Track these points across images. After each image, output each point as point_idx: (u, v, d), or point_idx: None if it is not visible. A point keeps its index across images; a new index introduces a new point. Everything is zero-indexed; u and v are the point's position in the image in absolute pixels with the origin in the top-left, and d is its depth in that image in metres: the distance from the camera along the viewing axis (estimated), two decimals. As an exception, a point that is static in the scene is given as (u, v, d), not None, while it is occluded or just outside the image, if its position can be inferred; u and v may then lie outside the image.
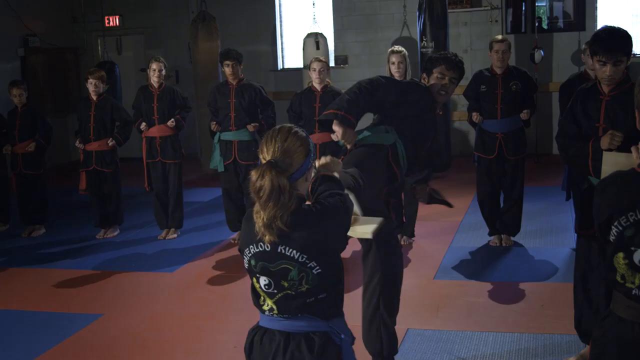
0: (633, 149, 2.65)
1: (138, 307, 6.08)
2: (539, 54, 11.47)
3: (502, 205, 7.24)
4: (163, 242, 7.97)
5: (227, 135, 7.61)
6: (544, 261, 6.63)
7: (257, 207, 2.71)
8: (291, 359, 2.77)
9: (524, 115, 6.89)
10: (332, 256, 2.81)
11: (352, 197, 3.26)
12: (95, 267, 7.19)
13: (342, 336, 2.85)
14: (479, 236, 7.42)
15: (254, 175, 2.76)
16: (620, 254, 2.53)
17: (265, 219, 2.68)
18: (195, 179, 11.42)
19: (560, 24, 12.21)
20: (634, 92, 3.09)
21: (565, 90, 6.81)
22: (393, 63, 6.98)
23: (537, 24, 11.94)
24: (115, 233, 8.35)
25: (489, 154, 7.02)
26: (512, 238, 7.20)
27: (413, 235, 7.43)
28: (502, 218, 7.15)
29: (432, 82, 4.52)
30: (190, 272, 6.93)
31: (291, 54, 13.38)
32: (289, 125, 2.91)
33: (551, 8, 12.33)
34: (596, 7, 12.03)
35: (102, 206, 8.25)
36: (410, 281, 5.96)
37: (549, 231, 7.54)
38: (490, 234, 7.27)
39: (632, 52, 4.11)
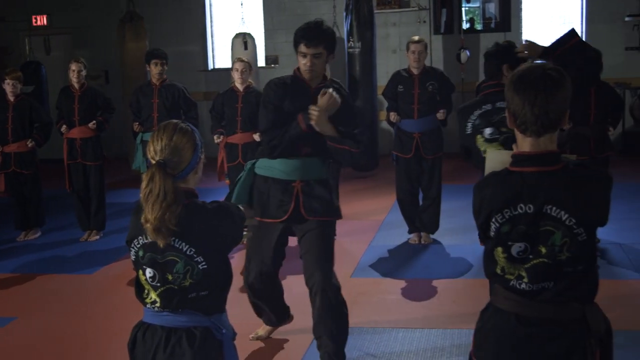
0: (514, 146, 2.73)
1: (54, 309, 6.03)
2: (464, 55, 11.67)
3: (421, 203, 7.35)
4: (84, 244, 7.91)
5: (149, 136, 7.55)
6: (459, 258, 6.76)
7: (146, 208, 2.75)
8: (172, 354, 2.82)
9: (440, 115, 7.02)
10: (219, 255, 2.86)
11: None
12: (14, 270, 7.10)
13: (224, 331, 2.91)
14: (399, 234, 7.52)
15: (144, 179, 2.79)
16: (500, 249, 2.60)
17: (153, 223, 2.71)
18: (122, 180, 11.33)
19: (485, 24, 12.44)
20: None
21: None
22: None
23: (468, 25, 12.14)
24: (37, 235, 8.25)
25: (407, 154, 7.12)
26: (430, 236, 7.33)
27: (334, 234, 7.47)
28: (421, 216, 7.27)
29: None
30: (110, 274, 6.89)
31: (221, 54, 13.36)
32: (174, 121, 2.94)
33: (484, 9, 12.55)
34: (521, 8, 12.28)
35: (23, 208, 8.15)
36: (328, 279, 6.01)
37: (468, 228, 7.63)
38: (409, 232, 7.38)
39: None
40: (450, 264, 6.65)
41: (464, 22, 12.47)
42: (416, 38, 7.16)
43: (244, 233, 4.59)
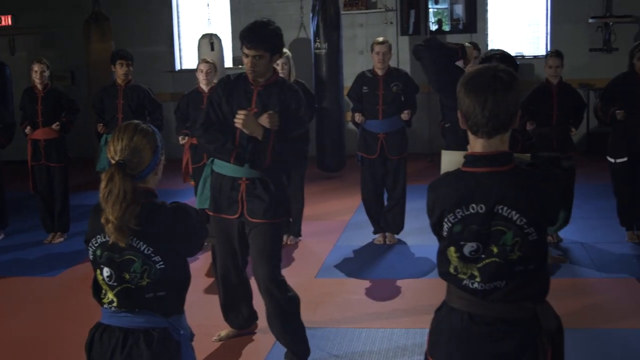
0: (468, 146, 2.75)
1: (16, 312, 5.99)
2: (431, 56, 11.68)
3: (386, 203, 7.38)
4: (48, 246, 7.84)
5: (112, 137, 7.52)
6: (424, 258, 6.79)
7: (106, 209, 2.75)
8: (129, 355, 2.82)
9: (405, 115, 7.05)
10: (177, 255, 2.86)
11: None
12: (-25, 273, 7.03)
13: (181, 332, 2.91)
14: (365, 235, 7.55)
15: (103, 179, 2.80)
16: (452, 248, 2.63)
17: (114, 223, 2.72)
18: (88, 182, 11.21)
19: (453, 26, 12.52)
20: None
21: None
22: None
23: (436, 27, 12.21)
24: (0, 237, 8.17)
25: (371, 154, 7.15)
26: (395, 236, 7.36)
27: (300, 235, 7.51)
28: (386, 216, 7.30)
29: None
30: (73, 276, 6.83)
31: (189, 55, 13.32)
32: (135, 122, 2.95)
33: (451, 11, 12.62)
34: (487, 10, 12.37)
35: (-15, 210, 8.07)
36: (292, 280, 5.96)
37: (433, 229, 7.71)
38: (374, 232, 7.40)
39: (522, 54, 4.28)
40: (415, 264, 6.69)
41: (432, 23, 12.53)
42: (380, 39, 7.20)
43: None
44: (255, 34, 4.38)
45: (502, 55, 4.18)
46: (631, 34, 11.53)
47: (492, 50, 5.49)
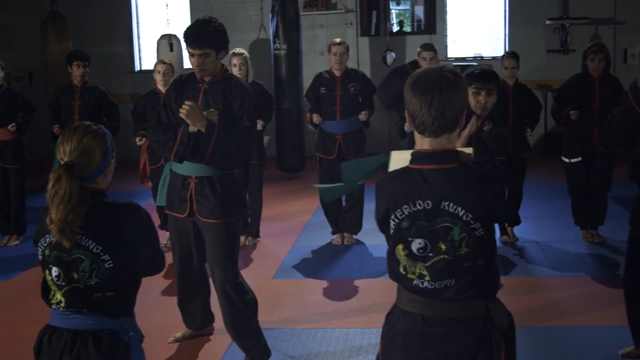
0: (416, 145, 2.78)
1: (-32, 316, 5.90)
2: (390, 56, 11.79)
3: (344, 204, 7.40)
4: (4, 249, 7.74)
5: (68, 138, 7.45)
6: (381, 258, 6.81)
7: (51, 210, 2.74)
8: (77, 357, 2.82)
9: (362, 116, 7.07)
10: (126, 255, 2.84)
11: None
12: None
13: (131, 334, 2.90)
14: (323, 235, 7.56)
15: (51, 179, 2.78)
16: (400, 246, 2.65)
17: (57, 224, 2.70)
18: (45, 183, 11.07)
19: (415, 27, 12.59)
20: None
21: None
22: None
23: (398, 28, 12.27)
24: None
25: (329, 155, 7.17)
26: (353, 236, 7.38)
27: (258, 236, 7.50)
28: (344, 217, 7.32)
29: None
30: (29, 279, 6.73)
31: (148, 56, 13.24)
32: (86, 123, 2.95)
33: (413, 12, 12.69)
34: (446, 11, 12.46)
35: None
36: (249, 281, 5.95)
37: (391, 229, 7.75)
38: (333, 233, 7.42)
39: (481, 55, 4.31)
40: (372, 263, 6.72)
41: (394, 24, 12.59)
42: (338, 40, 7.22)
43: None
44: (198, 32, 4.40)
45: (482, 70, 4.23)
46: (587, 35, 11.68)
47: (472, 66, 5.54)
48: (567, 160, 7.11)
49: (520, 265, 6.57)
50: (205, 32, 4.43)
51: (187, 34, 4.47)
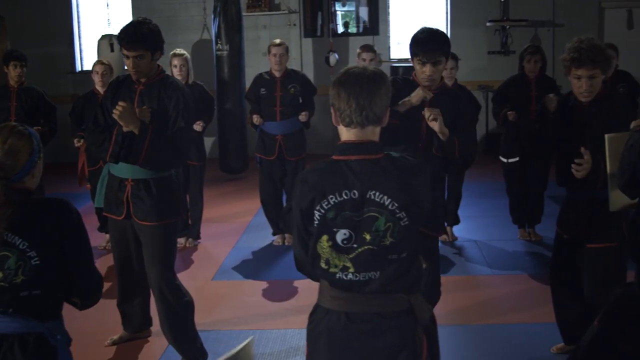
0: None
1: None
2: (333, 57, 11.83)
3: (285, 204, 7.40)
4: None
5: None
6: (321, 258, 6.83)
7: None
8: (3, 361, 2.77)
9: (302, 117, 7.09)
10: (55, 252, 2.80)
11: None
12: None
13: (58, 337, 2.87)
14: (264, 236, 7.55)
15: None
16: (325, 237, 2.67)
17: None
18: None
19: (360, 28, 12.64)
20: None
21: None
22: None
23: (343, 29, 12.32)
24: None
25: (270, 156, 7.17)
26: (294, 237, 7.37)
27: (199, 237, 7.46)
28: (285, 217, 7.30)
29: None
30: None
31: (90, 56, 13.06)
32: (12, 124, 2.94)
33: (357, 13, 12.73)
34: (388, 13, 12.53)
35: None
36: (189, 283, 5.94)
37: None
38: (274, 234, 7.42)
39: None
40: (312, 264, 6.72)
41: (340, 25, 12.62)
42: (277, 41, 7.23)
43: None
44: (133, 34, 4.39)
45: (427, 39, 4.22)
46: (527, 37, 11.85)
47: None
48: (504, 160, 7.21)
49: (458, 264, 6.65)
50: (139, 34, 4.41)
51: (122, 35, 4.45)
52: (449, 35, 12.09)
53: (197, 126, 7.02)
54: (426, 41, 4.06)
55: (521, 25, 12.11)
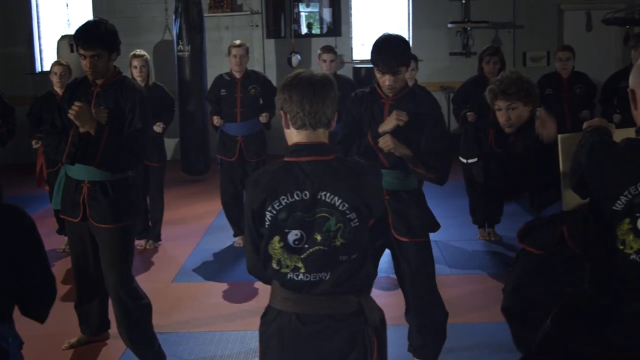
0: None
1: None
2: (295, 59, 11.87)
3: (245, 206, 7.38)
4: None
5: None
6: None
7: None
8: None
9: (263, 118, 7.08)
10: (6, 260, 2.78)
11: None
12: None
13: (10, 340, 2.84)
14: (226, 238, 7.54)
15: None
16: (276, 238, 2.69)
17: None
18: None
19: (323, 29, 12.66)
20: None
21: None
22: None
23: (307, 30, 12.33)
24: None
25: (230, 157, 7.16)
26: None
27: (159, 239, 7.42)
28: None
29: None
30: None
31: (50, 57, 12.92)
32: None
33: (321, 14, 12.74)
34: (351, 14, 12.57)
35: None
36: (148, 285, 5.91)
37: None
38: (234, 235, 7.40)
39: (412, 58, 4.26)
40: (273, 265, 6.72)
41: (303, 26, 12.63)
42: (237, 42, 7.23)
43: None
44: (90, 33, 4.37)
45: (384, 49, 4.26)
46: (488, 38, 11.97)
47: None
48: (464, 160, 7.26)
49: (418, 264, 6.66)
50: (96, 33, 4.39)
51: (78, 35, 4.42)
52: (410, 36, 12.35)
53: (157, 127, 7.00)
54: (385, 52, 4.10)
55: (482, 27, 12.24)
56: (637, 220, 2.81)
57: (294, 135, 2.75)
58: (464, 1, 12.31)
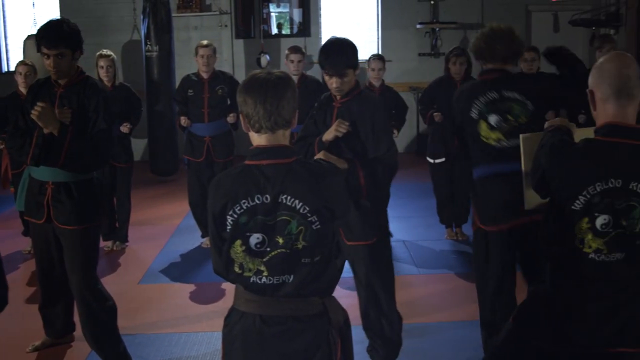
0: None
1: None
2: (265, 59, 11.86)
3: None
4: None
5: None
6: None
7: None
8: None
9: (230, 118, 7.06)
10: None
11: None
12: None
13: None
14: (194, 238, 7.50)
15: None
16: (238, 242, 2.68)
17: None
18: None
19: (293, 30, 12.65)
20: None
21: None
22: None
23: (277, 30, 12.33)
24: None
25: (198, 157, 7.13)
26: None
27: (126, 240, 7.37)
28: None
29: None
30: None
31: (16, 57, 12.79)
32: None
33: (291, 15, 12.73)
34: (320, 15, 12.57)
35: None
36: (115, 287, 5.89)
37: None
38: (202, 236, 7.37)
39: (358, 61, 4.26)
40: (240, 266, 6.70)
41: (273, 26, 12.61)
42: (204, 42, 7.21)
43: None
44: (53, 32, 4.34)
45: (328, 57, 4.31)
46: (456, 39, 12.01)
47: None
48: (431, 160, 7.30)
49: (386, 264, 6.68)
50: (60, 32, 4.36)
51: (41, 34, 4.39)
52: (379, 37, 12.38)
53: (124, 128, 6.96)
54: (331, 55, 4.14)
55: (450, 28, 12.31)
56: (596, 220, 2.85)
57: (254, 138, 2.73)
58: (432, 2, 12.37)
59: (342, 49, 4.15)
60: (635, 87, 2.86)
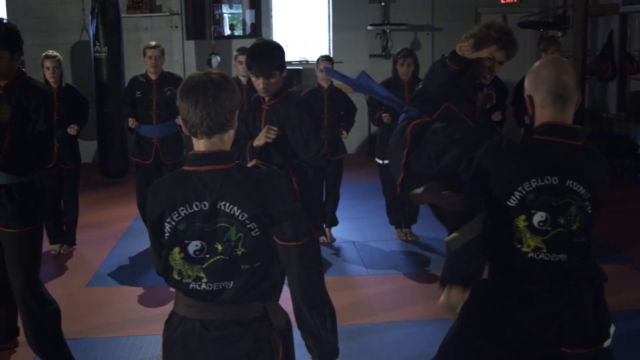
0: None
1: None
2: (215, 60, 11.83)
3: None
4: None
5: None
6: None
7: None
8: None
9: (179, 120, 6.99)
10: None
11: None
12: None
13: None
14: (143, 241, 7.40)
15: None
16: (177, 249, 2.64)
17: None
18: None
19: (246, 31, 12.63)
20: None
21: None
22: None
23: (230, 31, 12.30)
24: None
25: (146, 159, 7.09)
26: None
27: (74, 244, 7.29)
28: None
29: None
30: None
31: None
32: None
33: (243, 16, 12.69)
34: (271, 16, 12.57)
35: None
36: (61, 291, 5.86)
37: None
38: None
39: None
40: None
41: (226, 28, 12.57)
42: (152, 43, 7.16)
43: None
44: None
45: (252, 52, 4.32)
46: (407, 40, 12.11)
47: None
48: (380, 161, 7.33)
49: (335, 265, 6.72)
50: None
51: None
52: (331, 38, 12.42)
53: (72, 129, 6.88)
54: (258, 56, 4.17)
55: (401, 29, 12.40)
56: (533, 217, 2.87)
57: (194, 142, 2.69)
58: (383, 4, 12.46)
59: (269, 50, 4.19)
60: (574, 92, 2.91)
